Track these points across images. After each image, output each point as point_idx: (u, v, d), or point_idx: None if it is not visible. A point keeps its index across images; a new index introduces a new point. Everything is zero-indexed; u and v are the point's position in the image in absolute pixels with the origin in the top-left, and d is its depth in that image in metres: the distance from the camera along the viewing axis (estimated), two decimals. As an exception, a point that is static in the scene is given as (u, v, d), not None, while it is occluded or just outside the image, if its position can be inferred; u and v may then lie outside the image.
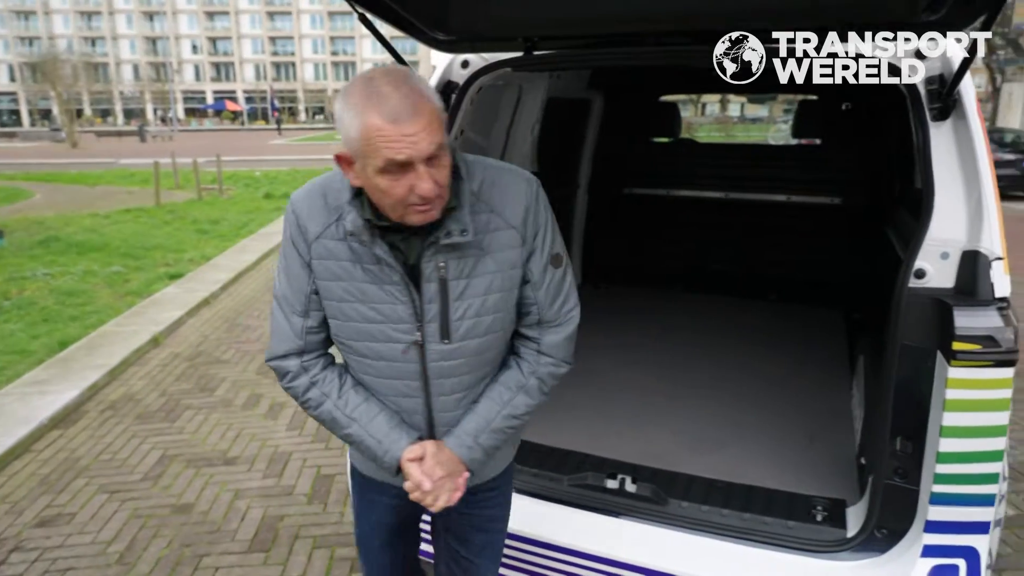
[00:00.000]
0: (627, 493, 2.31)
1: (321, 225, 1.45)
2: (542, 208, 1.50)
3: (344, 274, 1.45)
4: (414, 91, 1.27)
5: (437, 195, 1.32)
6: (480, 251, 1.44)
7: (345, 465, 3.96)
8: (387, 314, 1.46)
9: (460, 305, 1.46)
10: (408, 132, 1.24)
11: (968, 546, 1.92)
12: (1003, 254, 1.89)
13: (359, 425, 1.53)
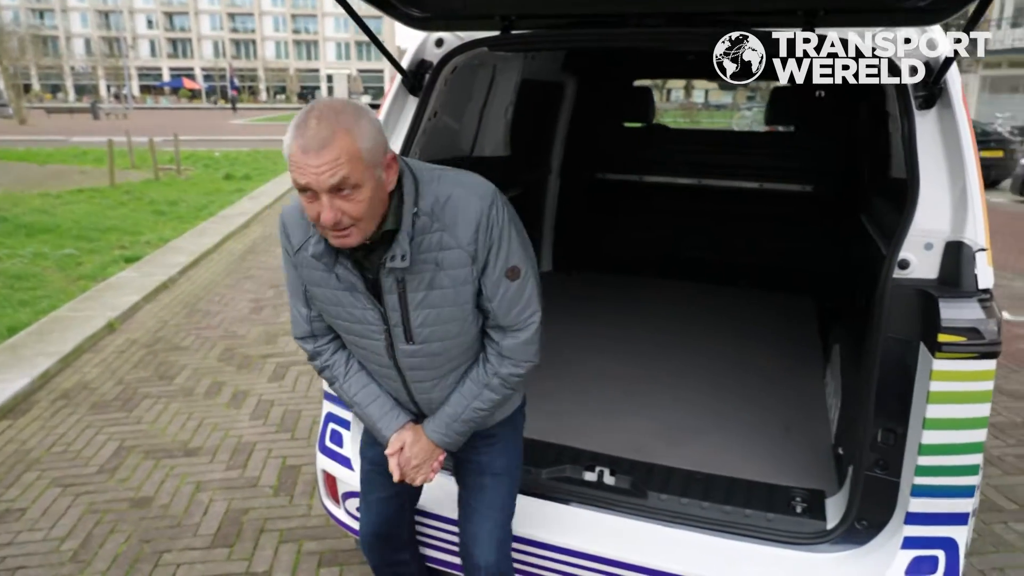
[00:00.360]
0: (606, 486, 2.27)
1: (300, 239, 1.65)
2: (496, 223, 1.58)
3: (322, 281, 1.66)
4: (337, 128, 1.38)
5: (343, 224, 1.44)
6: (435, 266, 1.58)
7: (312, 456, 3.87)
8: (359, 318, 1.67)
9: (419, 313, 1.63)
10: (312, 163, 1.37)
11: (947, 537, 1.92)
12: (987, 245, 1.88)
13: (360, 407, 1.84)
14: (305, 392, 4.71)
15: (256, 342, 5.68)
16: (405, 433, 1.82)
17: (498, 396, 1.77)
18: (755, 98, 54.76)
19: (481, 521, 1.92)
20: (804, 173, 4.31)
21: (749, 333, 3.88)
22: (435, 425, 1.81)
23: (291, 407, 4.48)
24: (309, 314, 1.78)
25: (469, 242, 1.56)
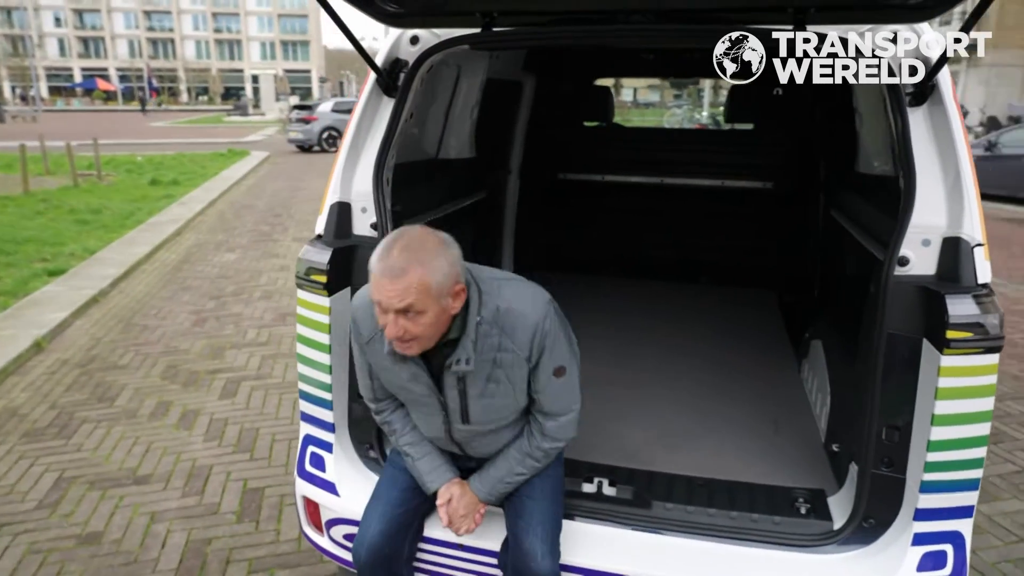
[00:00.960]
0: (607, 497, 2.20)
1: (370, 331, 1.89)
2: (549, 333, 1.82)
3: (387, 368, 1.91)
4: (413, 262, 1.62)
5: (405, 339, 1.68)
6: (493, 364, 1.83)
7: (276, 477, 3.68)
8: (421, 401, 1.95)
9: (476, 403, 1.90)
10: (387, 286, 1.63)
11: (955, 531, 1.93)
12: (984, 240, 1.90)
13: (412, 459, 2.08)
14: (260, 409, 4.48)
15: (201, 357, 5.39)
16: (453, 487, 2.05)
17: (540, 464, 2.01)
18: (682, 96, 56.04)
19: (535, 537, 1.93)
20: (764, 170, 4.36)
21: (716, 329, 3.89)
22: (480, 484, 2.04)
23: (247, 425, 4.25)
24: (372, 385, 2.05)
25: (525, 348, 1.81)
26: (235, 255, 8.82)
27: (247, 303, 6.78)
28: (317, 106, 24.76)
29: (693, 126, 24.56)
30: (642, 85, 55.66)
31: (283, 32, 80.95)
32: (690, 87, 54.69)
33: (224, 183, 15.04)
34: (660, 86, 54.57)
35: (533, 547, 1.91)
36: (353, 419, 2.37)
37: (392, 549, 2.02)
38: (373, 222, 2.31)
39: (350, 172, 2.35)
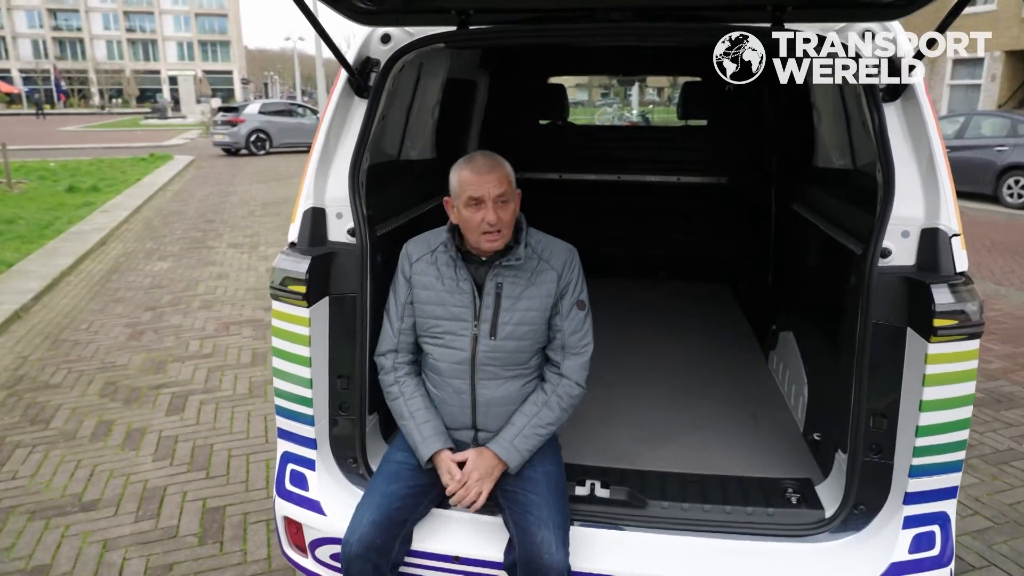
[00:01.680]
0: (601, 499, 2.18)
1: (420, 252, 2.18)
2: (577, 267, 2.18)
3: (431, 285, 2.14)
4: (496, 159, 2.07)
5: (500, 227, 2.02)
6: (528, 283, 2.11)
7: (238, 495, 3.51)
8: (456, 315, 2.11)
9: (506, 315, 2.10)
10: (484, 179, 2.00)
11: (942, 512, 1.99)
12: (960, 230, 1.96)
13: (414, 422, 2.13)
14: (212, 424, 4.28)
15: (142, 371, 5.11)
16: (467, 452, 2.11)
17: (555, 414, 2.11)
18: (608, 94, 56.94)
19: (547, 529, 1.92)
20: (718, 165, 4.44)
21: (679, 325, 3.94)
22: (499, 441, 2.09)
23: (200, 442, 4.05)
24: (400, 327, 2.18)
25: (559, 266, 2.13)
26: (168, 264, 8.43)
27: (186, 314, 6.48)
28: (244, 108, 23.98)
29: (624, 124, 25.01)
30: (570, 84, 56.20)
31: (201, 32, 78.02)
32: (617, 87, 55.65)
33: (148, 189, 14.38)
34: (588, 85, 55.36)
35: (547, 538, 1.89)
36: (335, 434, 2.27)
37: (382, 542, 1.96)
38: (350, 228, 2.22)
39: (323, 176, 2.26)
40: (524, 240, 2.11)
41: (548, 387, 2.14)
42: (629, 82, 26.42)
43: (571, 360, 2.14)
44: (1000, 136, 12.93)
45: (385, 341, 2.21)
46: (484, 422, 2.15)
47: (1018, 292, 7.41)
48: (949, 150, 8.73)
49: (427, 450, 2.08)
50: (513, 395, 2.14)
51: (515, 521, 1.99)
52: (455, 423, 2.17)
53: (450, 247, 2.11)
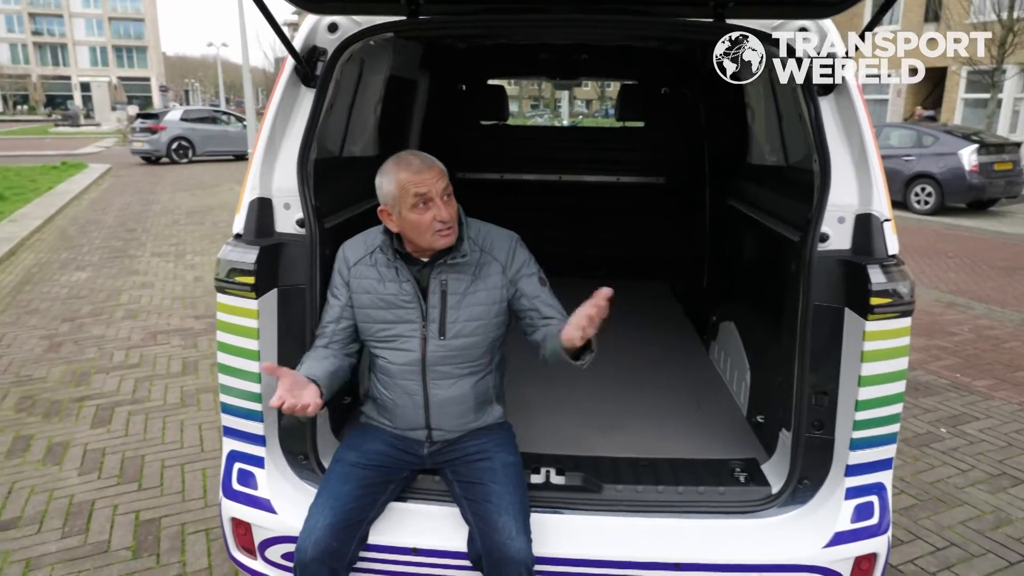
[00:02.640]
0: (556, 486, 2.19)
1: (358, 255, 2.12)
2: (521, 250, 2.16)
3: (372, 288, 2.09)
4: (427, 156, 2.04)
5: (449, 223, 1.98)
6: (473, 276, 2.07)
7: (173, 505, 3.37)
8: (402, 317, 2.07)
9: (454, 313, 2.06)
10: (427, 176, 1.96)
11: (879, 483, 2.09)
12: (890, 215, 2.09)
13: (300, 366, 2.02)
14: (143, 435, 4.08)
15: (62, 384, 4.84)
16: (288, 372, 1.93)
17: None
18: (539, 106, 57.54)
19: (507, 516, 1.91)
20: (655, 165, 4.56)
21: (621, 321, 4.00)
22: None
23: (130, 454, 3.86)
24: (335, 329, 2.12)
25: (503, 256, 2.10)
26: (86, 273, 8.02)
27: (109, 324, 6.17)
28: (164, 115, 23.09)
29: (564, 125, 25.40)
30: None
31: (116, 37, 74.70)
32: (548, 99, 56.35)
33: (62, 198, 13.64)
34: (518, 97, 55.96)
35: (507, 525, 1.88)
36: (284, 429, 2.21)
37: (339, 545, 1.91)
38: (299, 218, 2.18)
39: (269, 166, 2.20)
40: (466, 235, 2.07)
41: None
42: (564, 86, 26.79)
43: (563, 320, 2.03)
44: (907, 147, 13.75)
45: (321, 335, 2.15)
46: (438, 422, 2.12)
47: (929, 290, 7.88)
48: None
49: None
50: (466, 394, 2.11)
51: (474, 512, 1.98)
52: (408, 424, 2.13)
53: (387, 250, 2.06)
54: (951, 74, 20.48)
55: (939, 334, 6.21)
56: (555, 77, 4.72)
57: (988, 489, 3.61)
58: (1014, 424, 4.38)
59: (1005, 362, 5.54)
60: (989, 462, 3.89)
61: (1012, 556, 3.06)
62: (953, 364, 5.44)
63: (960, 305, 7.24)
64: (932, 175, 13.06)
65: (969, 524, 3.29)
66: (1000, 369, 5.38)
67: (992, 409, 4.60)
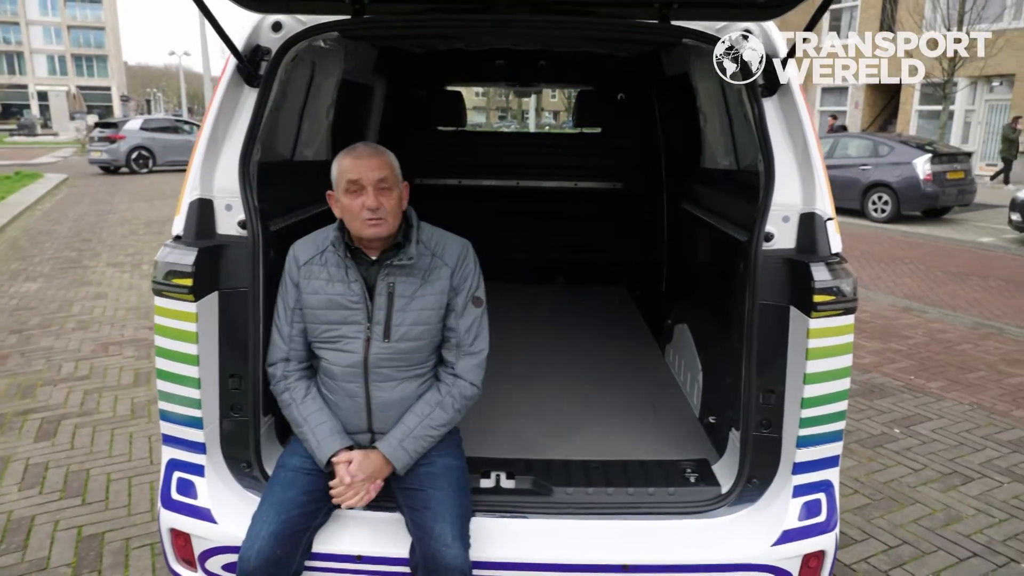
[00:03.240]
0: (506, 490, 2.16)
1: (309, 255, 2.09)
2: (471, 261, 2.13)
3: (320, 289, 2.05)
4: (378, 148, 2.05)
5: (379, 213, 1.95)
6: (421, 280, 2.04)
7: (118, 520, 3.26)
8: (347, 318, 2.03)
9: (400, 315, 2.03)
10: (363, 164, 1.97)
11: (826, 480, 2.11)
12: (833, 214, 2.11)
13: (309, 426, 2.04)
14: (89, 448, 3.95)
15: (6, 397, 4.67)
16: (353, 453, 2.00)
17: (448, 415, 2.05)
18: (506, 116, 57.76)
19: (444, 522, 1.88)
20: (613, 171, 4.58)
21: (579, 326, 4.01)
22: (388, 441, 2.01)
23: (75, 468, 3.73)
24: (290, 333, 2.09)
25: (452, 262, 2.07)
26: (37, 284, 7.78)
27: (58, 336, 5.99)
28: (124, 124, 22.63)
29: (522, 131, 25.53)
30: (468, 106, 56.72)
31: (75, 45, 73.12)
32: (515, 109, 56.60)
33: (13, 208, 13.26)
34: (486, 108, 56.15)
35: (442, 531, 1.85)
36: (226, 437, 2.15)
37: (283, 554, 1.87)
38: (241, 219, 2.13)
39: (210, 167, 2.15)
40: (415, 237, 2.04)
41: (443, 387, 2.07)
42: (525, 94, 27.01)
43: (466, 360, 2.08)
44: (864, 156, 14.08)
45: (275, 351, 2.11)
46: (381, 425, 2.07)
47: (884, 295, 8.04)
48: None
49: (325, 451, 1.99)
50: (409, 396, 2.07)
51: (412, 519, 1.95)
52: (351, 427, 2.08)
53: (339, 246, 2.02)
54: (905, 87, 21.05)
55: (894, 338, 6.33)
56: (513, 83, 4.72)
57: (939, 488, 3.67)
58: (965, 424, 4.47)
59: (957, 364, 5.66)
60: (941, 461, 3.96)
61: (962, 552, 3.11)
62: (907, 367, 5.55)
63: (915, 310, 7.40)
64: (888, 184, 13.38)
65: (921, 522, 3.34)
66: (952, 371, 5.49)
67: (944, 409, 4.69)
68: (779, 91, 2.18)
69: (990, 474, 3.81)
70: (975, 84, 20.11)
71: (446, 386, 2.07)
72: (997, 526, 3.32)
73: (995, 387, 5.14)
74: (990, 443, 4.19)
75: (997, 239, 11.73)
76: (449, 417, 2.05)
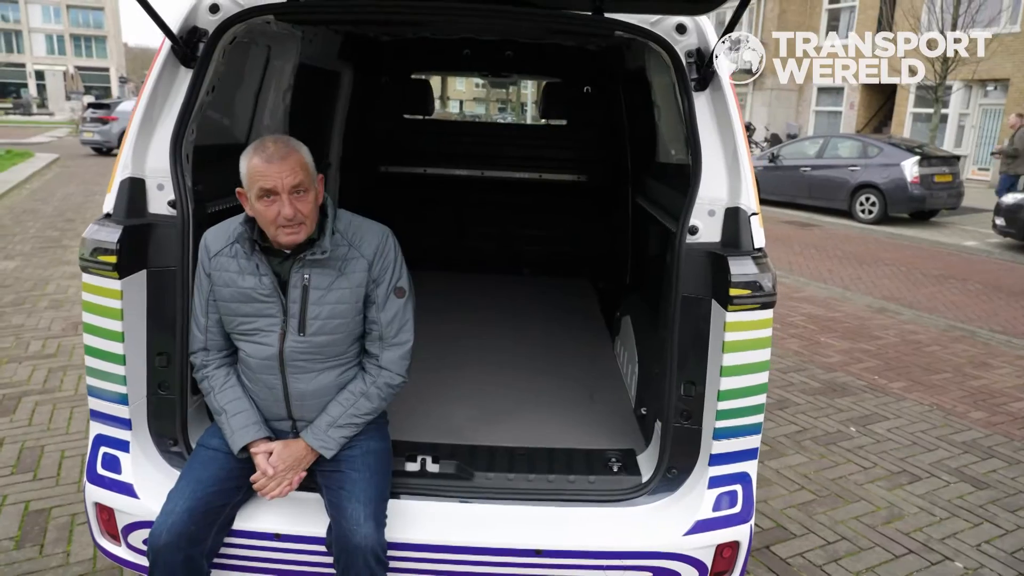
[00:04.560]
0: (430, 474, 2.19)
1: (219, 246, 2.02)
2: (391, 250, 2.07)
3: (231, 282, 2.00)
4: (291, 145, 1.91)
5: (297, 220, 1.88)
6: (338, 272, 1.99)
7: (65, 496, 3.29)
8: (261, 311, 2.00)
9: (315, 309, 1.99)
10: (276, 169, 1.85)
11: (743, 472, 2.13)
12: (758, 210, 2.13)
13: (227, 415, 2.04)
14: (47, 425, 3.97)
15: (-30, 374, 4.68)
16: (272, 444, 2.03)
17: (373, 404, 2.06)
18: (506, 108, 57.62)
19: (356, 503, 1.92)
20: (577, 163, 4.60)
21: (537, 316, 4.04)
22: (313, 431, 2.03)
23: (30, 444, 3.75)
24: (206, 324, 2.07)
25: (369, 254, 2.01)
26: (15, 263, 7.78)
27: (30, 313, 6.01)
28: (116, 105, 22.53)
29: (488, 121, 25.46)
30: (468, 97, 56.73)
31: (74, 25, 72.66)
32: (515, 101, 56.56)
33: (0, 186, 13.24)
34: (485, 100, 56.07)
35: (355, 512, 1.88)
36: (153, 414, 2.17)
37: (197, 530, 1.89)
38: (171, 199, 2.14)
39: (143, 146, 2.16)
40: (330, 229, 1.97)
41: (368, 378, 2.06)
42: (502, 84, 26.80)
43: (391, 351, 2.06)
44: (854, 157, 14.09)
45: (194, 341, 2.10)
46: (300, 413, 2.07)
47: (862, 296, 8.08)
48: (810, 169, 9.52)
49: (238, 441, 2.00)
50: (328, 386, 2.06)
51: (329, 499, 1.98)
52: (271, 415, 2.09)
53: (245, 243, 1.96)
54: (900, 89, 21.05)
55: (864, 338, 6.37)
56: (481, 73, 4.72)
57: (886, 486, 3.71)
58: (922, 424, 4.51)
59: (923, 365, 5.70)
60: (891, 460, 4.00)
61: (898, 550, 3.15)
62: (873, 367, 5.58)
63: (890, 311, 7.43)
64: (876, 185, 13.40)
65: (862, 519, 3.38)
66: (917, 372, 5.53)
67: (903, 410, 4.73)
68: (711, 87, 2.20)
69: (938, 474, 3.86)
70: (970, 88, 20.10)
71: (371, 376, 2.07)
72: (937, 524, 3.36)
73: (957, 389, 5.19)
74: (943, 444, 4.23)
75: (981, 243, 11.76)
76: (374, 406, 2.06)
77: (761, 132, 24.06)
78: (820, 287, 8.41)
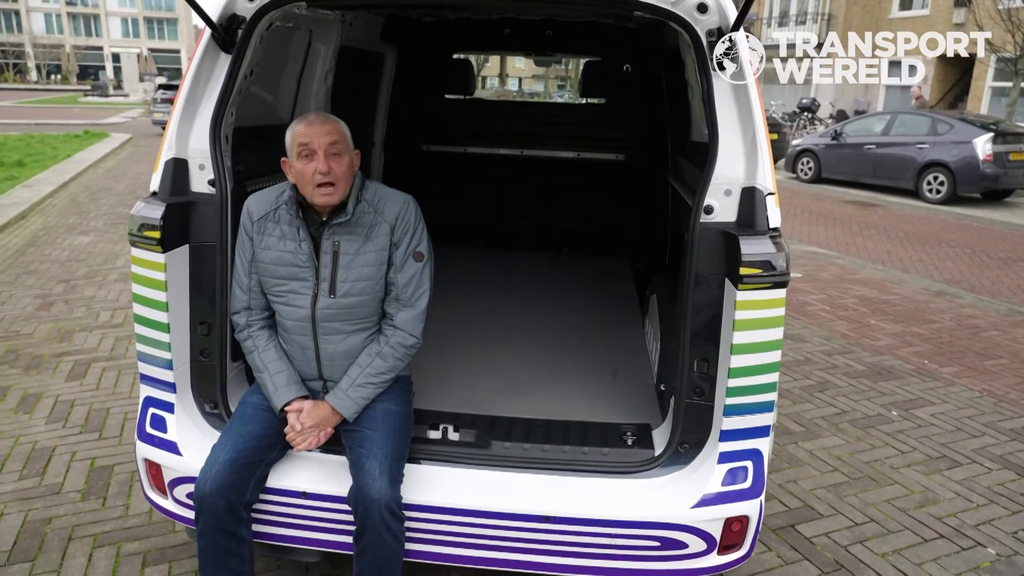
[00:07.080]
0: (450, 441, 2.30)
1: (262, 211, 2.22)
2: (413, 216, 2.24)
3: (272, 245, 2.19)
4: (330, 116, 2.17)
5: (330, 179, 2.08)
6: (364, 238, 2.18)
7: (126, 454, 3.54)
8: (296, 274, 2.19)
9: (344, 272, 2.18)
10: (315, 129, 2.10)
11: (755, 449, 2.17)
12: (774, 189, 2.14)
13: (269, 373, 2.22)
14: (112, 389, 4.27)
15: (47, 340, 5.04)
16: (304, 402, 2.19)
17: (388, 364, 2.21)
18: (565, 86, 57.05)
19: (373, 459, 2.05)
20: (616, 142, 4.60)
21: (572, 294, 4.09)
22: (335, 393, 2.20)
23: (97, 406, 4.04)
24: (249, 284, 2.24)
25: (391, 218, 2.19)
26: (89, 238, 8.26)
27: (101, 286, 6.40)
28: (185, 86, 23.30)
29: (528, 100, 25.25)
30: (527, 75, 56.37)
31: (147, 8, 75.31)
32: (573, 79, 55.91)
33: (78, 165, 13.96)
34: (544, 77, 55.64)
35: (372, 467, 2.01)
36: (196, 377, 2.34)
37: (237, 480, 2.04)
38: (211, 179, 2.28)
39: (186, 128, 2.31)
40: (355, 197, 2.17)
41: (382, 339, 2.23)
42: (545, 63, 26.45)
43: (404, 312, 2.22)
44: (921, 134, 13.50)
45: (236, 301, 2.28)
46: (330, 374, 2.26)
47: (920, 279, 7.82)
48: (875, 146, 9.25)
49: (279, 400, 2.20)
50: (356, 347, 2.24)
51: (350, 458, 2.12)
52: (305, 375, 2.29)
53: (292, 206, 2.16)
54: (979, 62, 19.94)
55: (918, 321, 6.18)
56: (520, 52, 4.75)
57: (923, 471, 3.65)
58: (969, 410, 4.39)
59: (978, 350, 5.51)
60: (932, 445, 3.92)
61: (929, 534, 3.12)
62: (923, 351, 5.43)
63: (949, 294, 7.18)
64: (945, 163, 12.83)
65: (894, 502, 3.34)
66: (971, 357, 5.36)
67: (951, 395, 4.61)
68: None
69: (980, 460, 3.77)
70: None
71: (385, 337, 2.23)
72: (973, 511, 3.30)
73: (1013, 376, 5.01)
74: (990, 430, 4.12)
75: (1058, 225, 11.17)
76: (389, 365, 2.21)
77: (827, 108, 23.20)
78: (877, 269, 8.17)
